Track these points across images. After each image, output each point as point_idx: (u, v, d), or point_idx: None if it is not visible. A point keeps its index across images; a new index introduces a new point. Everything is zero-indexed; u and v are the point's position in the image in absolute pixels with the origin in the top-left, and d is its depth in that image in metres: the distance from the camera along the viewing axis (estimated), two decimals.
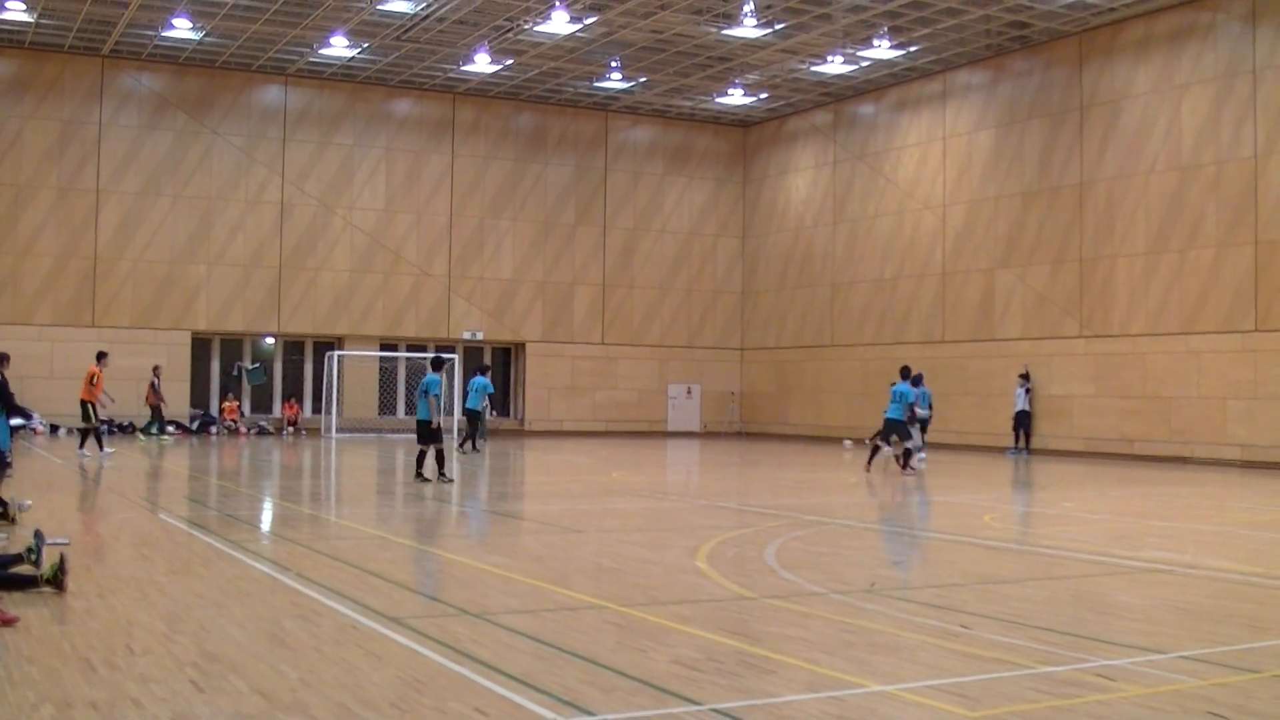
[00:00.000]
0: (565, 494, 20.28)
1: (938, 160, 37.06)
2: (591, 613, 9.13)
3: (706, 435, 43.56)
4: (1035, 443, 33.25)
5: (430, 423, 20.47)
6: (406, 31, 33.70)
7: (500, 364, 43.02)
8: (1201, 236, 29.72)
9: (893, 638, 8.37)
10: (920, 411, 26.15)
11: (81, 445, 26.08)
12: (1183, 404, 29.91)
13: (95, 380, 26.09)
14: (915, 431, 25.38)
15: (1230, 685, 7.17)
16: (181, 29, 33.41)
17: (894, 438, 24.41)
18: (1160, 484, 23.22)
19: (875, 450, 25.52)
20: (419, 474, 20.60)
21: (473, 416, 30.20)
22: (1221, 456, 28.99)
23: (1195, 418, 29.70)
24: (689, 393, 44.20)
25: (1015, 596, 10.30)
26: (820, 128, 41.58)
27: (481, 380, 30.05)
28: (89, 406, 25.95)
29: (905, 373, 25.64)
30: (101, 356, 27.04)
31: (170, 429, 35.18)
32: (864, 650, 7.93)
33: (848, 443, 33.80)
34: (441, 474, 20.77)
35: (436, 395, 20.45)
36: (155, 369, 33.96)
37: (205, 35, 34.22)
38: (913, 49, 34.50)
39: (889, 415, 24.45)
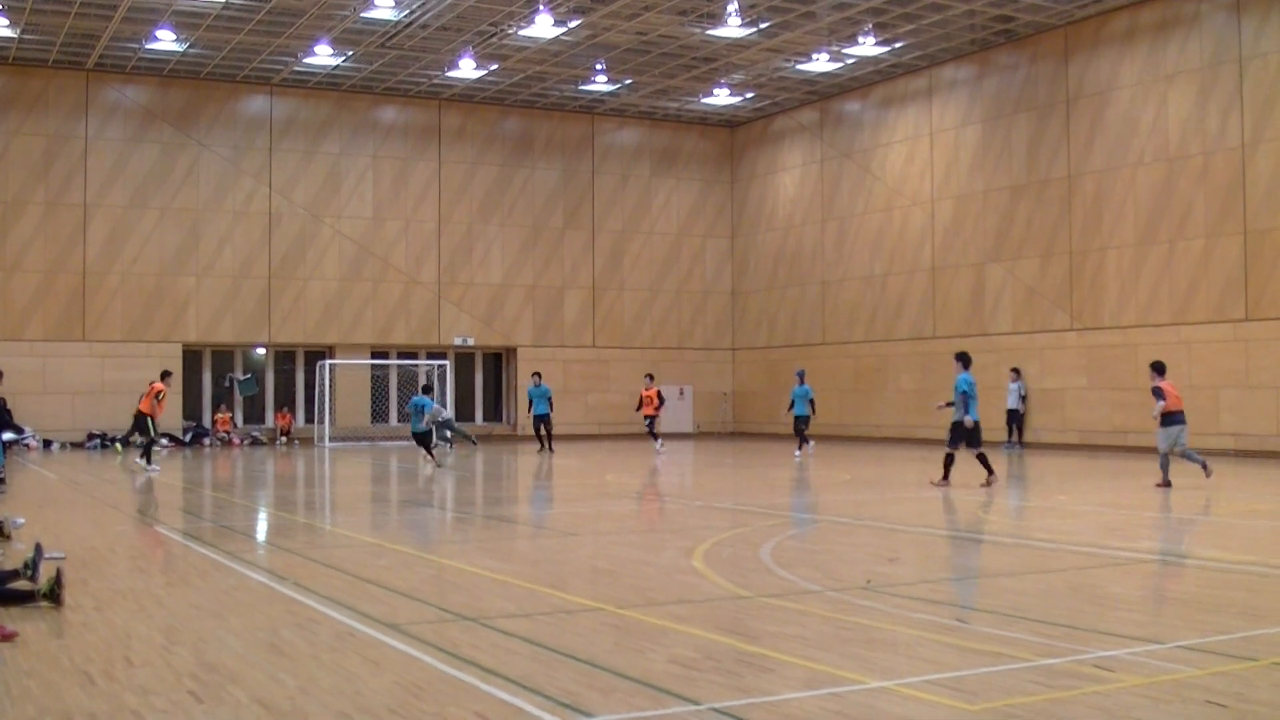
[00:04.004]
0: (559, 497, 20.29)
1: (925, 156, 37.12)
2: (588, 615, 9.14)
3: (699, 436, 43.56)
4: (1028, 436, 33.32)
5: (427, 433, 26.41)
6: (390, 39, 33.69)
7: (492, 369, 43.03)
8: (1190, 227, 29.80)
9: (890, 633, 8.39)
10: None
11: (145, 458, 25.87)
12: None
13: (161, 396, 26.14)
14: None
15: (1228, 674, 7.19)
16: (165, 41, 33.35)
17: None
18: (1154, 475, 23.25)
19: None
20: (434, 461, 26.21)
21: (541, 420, 33.52)
22: (1214, 446, 29.03)
23: (1187, 408, 29.62)
24: (681, 394, 44.21)
25: (1011, 590, 10.32)
26: (807, 126, 41.63)
27: (545, 388, 33.81)
28: (150, 420, 25.86)
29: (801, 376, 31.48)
30: (166, 375, 27.20)
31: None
32: (861, 646, 7.95)
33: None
34: (436, 462, 25.51)
35: (433, 413, 26.46)
36: None
37: (189, 47, 34.17)
38: (898, 45, 34.54)
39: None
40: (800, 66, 36.54)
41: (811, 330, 41.29)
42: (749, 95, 40.26)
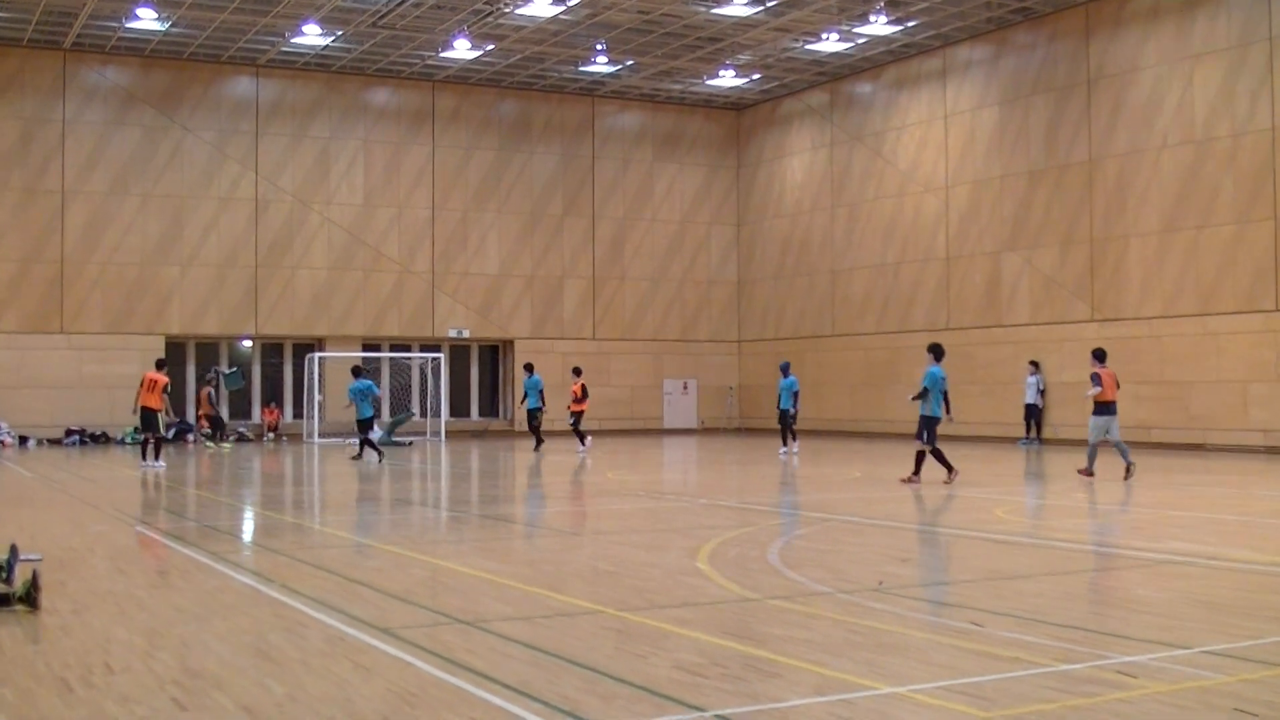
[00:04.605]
0: (558, 495, 20.29)
1: (939, 140, 37.08)
2: (589, 618, 9.14)
3: (704, 431, 43.57)
4: (1046, 432, 33.29)
5: (372, 419, 28.09)
6: (382, 17, 33.66)
7: (488, 362, 43.03)
8: (1218, 213, 29.75)
9: (902, 637, 8.38)
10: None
11: (157, 456, 26.09)
12: (1201, 389, 29.95)
13: (168, 389, 26.35)
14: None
15: (1258, 681, 7.18)
16: (146, 19, 33.34)
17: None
18: (1179, 473, 23.25)
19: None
20: (361, 456, 27.50)
21: (531, 414, 31.89)
22: (1243, 443, 29.03)
23: (1215, 403, 29.73)
24: (685, 388, 44.22)
25: (1029, 592, 10.31)
26: (816, 109, 41.58)
27: (536, 379, 31.98)
28: (157, 415, 26.11)
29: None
30: (162, 365, 27.27)
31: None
32: (873, 651, 7.94)
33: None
34: (359, 457, 27.28)
35: (378, 395, 27.87)
36: None
37: (171, 26, 34.15)
38: (911, 24, 34.51)
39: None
40: (809, 46, 36.50)
41: (820, 321, 41.27)
42: (756, 76, 40.21)
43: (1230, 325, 29.43)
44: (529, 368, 33.39)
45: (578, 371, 32.92)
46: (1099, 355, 22.37)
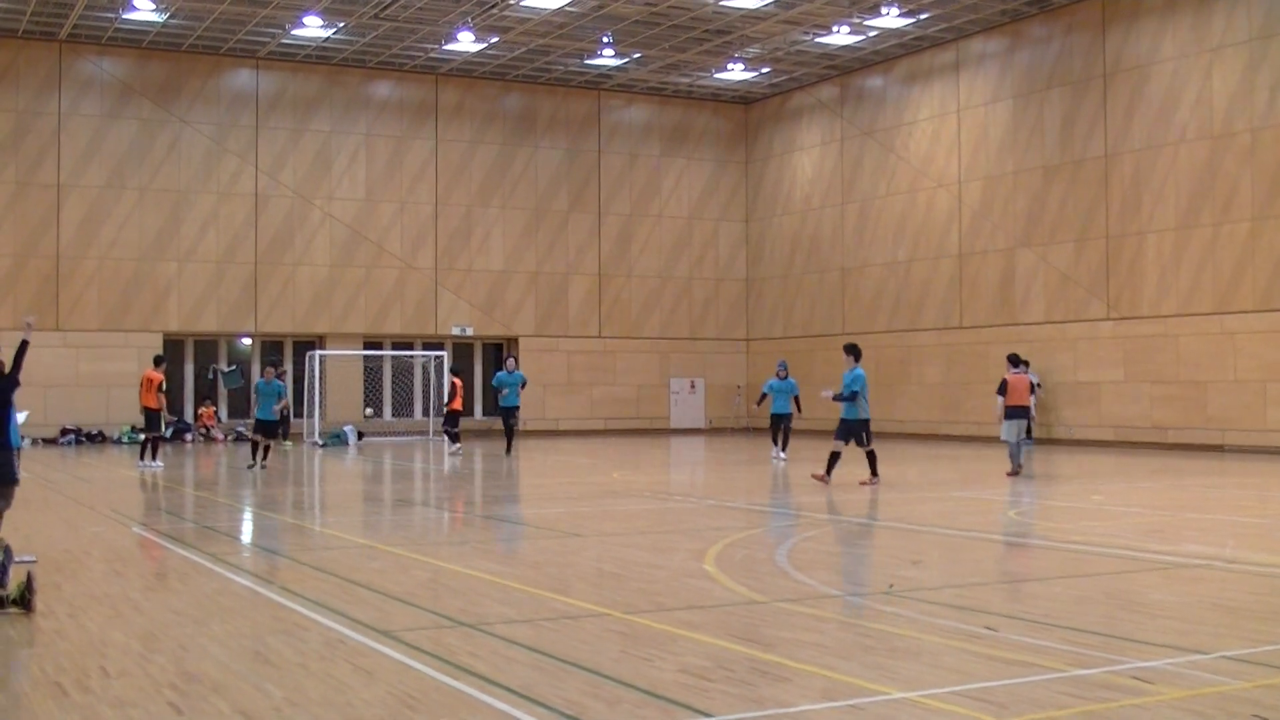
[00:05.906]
0: (563, 496, 20.28)
1: (952, 135, 37.04)
2: (593, 621, 9.14)
3: (711, 431, 43.55)
4: (1059, 432, 33.22)
5: (276, 422, 26.25)
6: (384, 9, 33.67)
7: (491, 361, 43.02)
8: (1236, 209, 29.70)
9: (913, 641, 8.38)
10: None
11: (154, 456, 26.17)
12: (1219, 389, 29.90)
13: (162, 387, 26.57)
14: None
15: (1277, 687, 7.16)
16: (144, 10, 33.37)
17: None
18: (1196, 474, 23.21)
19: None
20: (258, 464, 25.27)
21: (509, 413, 30.65)
22: (1261, 444, 28.98)
23: (1232, 403, 29.68)
24: (692, 387, 44.20)
25: (1043, 595, 10.30)
26: (826, 103, 41.55)
27: (519, 375, 30.67)
28: (158, 414, 26.34)
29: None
30: (160, 361, 27.43)
31: None
32: (883, 655, 7.94)
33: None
34: (263, 464, 25.30)
35: (284, 396, 26.75)
36: None
37: (170, 17, 34.17)
38: (923, 17, 34.47)
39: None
40: (819, 39, 36.47)
41: (831, 320, 41.24)
42: (765, 70, 40.19)
43: (1248, 324, 29.39)
44: (513, 360, 32.43)
45: (455, 371, 32.53)
46: (1013, 360, 22.98)
